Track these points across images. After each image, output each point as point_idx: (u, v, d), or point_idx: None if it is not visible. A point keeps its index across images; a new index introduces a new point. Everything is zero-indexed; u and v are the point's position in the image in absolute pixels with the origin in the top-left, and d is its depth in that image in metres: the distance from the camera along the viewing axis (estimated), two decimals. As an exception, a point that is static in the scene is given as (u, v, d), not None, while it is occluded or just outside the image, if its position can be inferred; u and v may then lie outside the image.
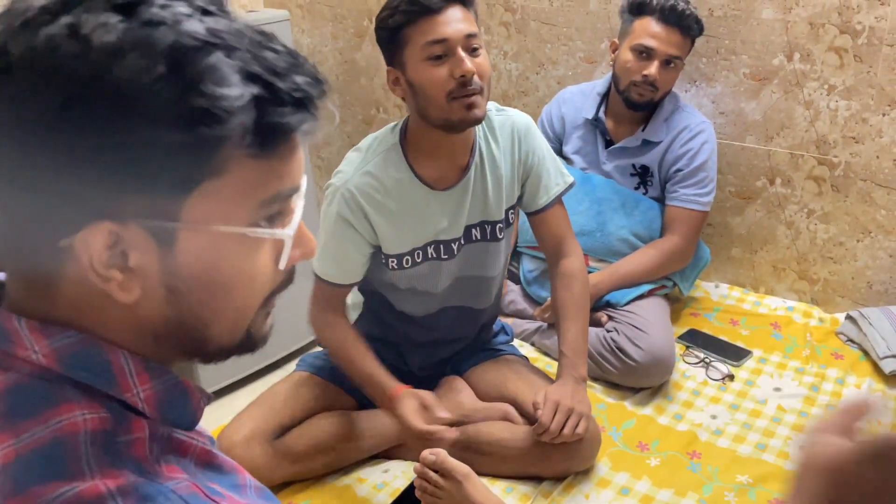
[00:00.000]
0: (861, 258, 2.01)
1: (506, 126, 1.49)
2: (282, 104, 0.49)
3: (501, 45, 2.37)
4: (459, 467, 1.29)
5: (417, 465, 1.31)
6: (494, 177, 1.47)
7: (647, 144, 1.95)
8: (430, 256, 1.47)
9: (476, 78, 1.30)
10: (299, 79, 0.50)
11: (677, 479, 1.49)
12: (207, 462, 0.58)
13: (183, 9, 0.47)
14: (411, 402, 1.37)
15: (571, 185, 1.59)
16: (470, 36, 1.29)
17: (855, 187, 1.95)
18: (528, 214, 1.59)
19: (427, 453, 1.30)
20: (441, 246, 1.47)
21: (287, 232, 0.54)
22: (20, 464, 0.47)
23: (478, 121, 1.35)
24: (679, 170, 1.93)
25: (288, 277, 0.59)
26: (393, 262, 1.46)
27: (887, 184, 1.90)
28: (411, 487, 1.37)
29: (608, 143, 2.00)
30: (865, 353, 1.86)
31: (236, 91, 0.47)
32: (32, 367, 0.50)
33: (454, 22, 1.28)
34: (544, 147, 1.55)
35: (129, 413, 0.52)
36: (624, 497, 1.45)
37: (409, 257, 1.46)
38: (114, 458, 0.49)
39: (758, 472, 1.50)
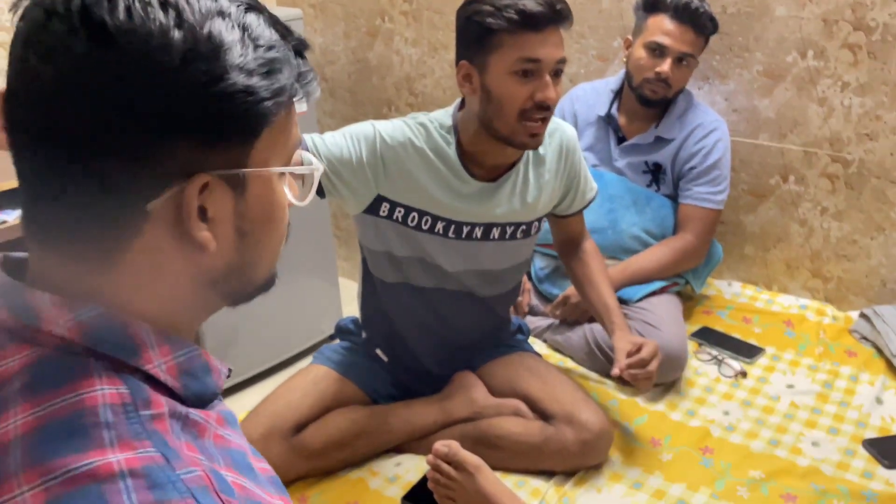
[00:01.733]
0: (875, 256, 2.00)
1: (556, 134, 1.51)
2: (299, 58, 0.58)
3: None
4: (472, 459, 1.29)
5: (430, 456, 1.32)
6: (538, 181, 1.49)
7: (660, 141, 1.95)
8: (437, 231, 1.45)
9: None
10: (294, 40, 0.59)
11: (690, 473, 1.49)
12: (223, 446, 0.58)
13: None
14: None
15: (596, 194, 1.65)
16: (560, 61, 1.29)
17: (869, 185, 1.94)
18: (557, 217, 1.63)
19: (440, 445, 1.31)
20: (453, 225, 1.45)
21: (320, 165, 0.63)
22: (39, 434, 0.48)
23: (535, 148, 1.37)
24: (692, 167, 1.93)
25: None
26: (397, 211, 1.42)
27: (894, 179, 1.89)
28: (424, 480, 1.38)
29: (621, 140, 2.01)
30: (879, 350, 1.85)
31: (283, 46, 0.56)
32: (56, 341, 0.52)
33: (551, 45, 1.26)
34: (582, 157, 1.58)
35: (150, 388, 0.53)
36: (636, 491, 1.45)
37: (415, 214, 1.43)
38: (135, 429, 0.49)
39: (770, 468, 1.49)
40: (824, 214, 2.04)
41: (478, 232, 1.48)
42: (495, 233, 1.50)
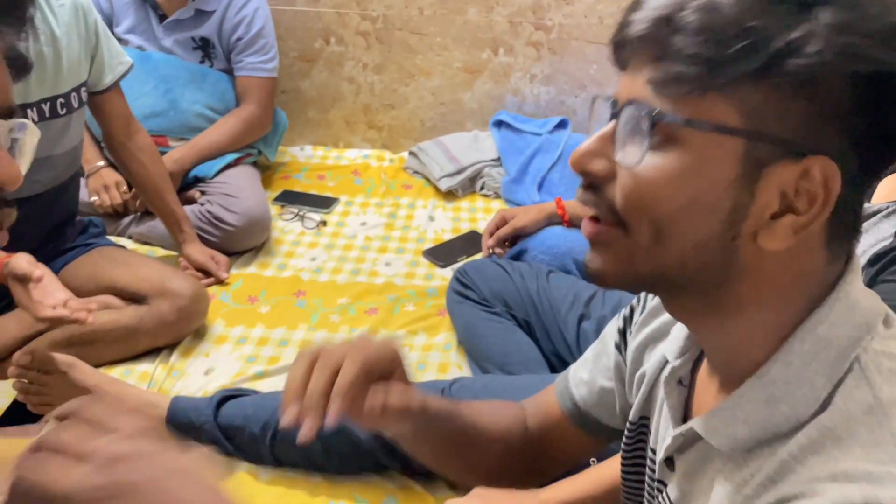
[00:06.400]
0: (412, 101, 2.31)
1: (67, 2, 1.43)
2: None
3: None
4: (61, 358, 1.25)
5: (11, 369, 1.24)
6: (54, 50, 1.39)
7: (202, 14, 1.94)
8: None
9: None
10: None
11: (287, 317, 1.63)
12: None
13: None
14: (17, 288, 1.22)
15: (131, 67, 1.59)
16: None
17: (395, 38, 2.21)
18: (92, 95, 1.54)
19: (18, 355, 1.23)
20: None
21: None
22: None
23: None
24: (239, 38, 1.97)
25: None
26: None
27: (419, 31, 2.19)
28: (16, 401, 1.29)
29: (162, 18, 1.94)
30: (428, 179, 2.19)
31: None
32: None
33: None
34: (103, 25, 1.53)
35: None
36: (242, 345, 1.55)
37: None
38: None
39: (354, 292, 1.72)
40: (366, 70, 2.27)
41: (32, 117, 1.37)
42: (45, 109, 1.39)
